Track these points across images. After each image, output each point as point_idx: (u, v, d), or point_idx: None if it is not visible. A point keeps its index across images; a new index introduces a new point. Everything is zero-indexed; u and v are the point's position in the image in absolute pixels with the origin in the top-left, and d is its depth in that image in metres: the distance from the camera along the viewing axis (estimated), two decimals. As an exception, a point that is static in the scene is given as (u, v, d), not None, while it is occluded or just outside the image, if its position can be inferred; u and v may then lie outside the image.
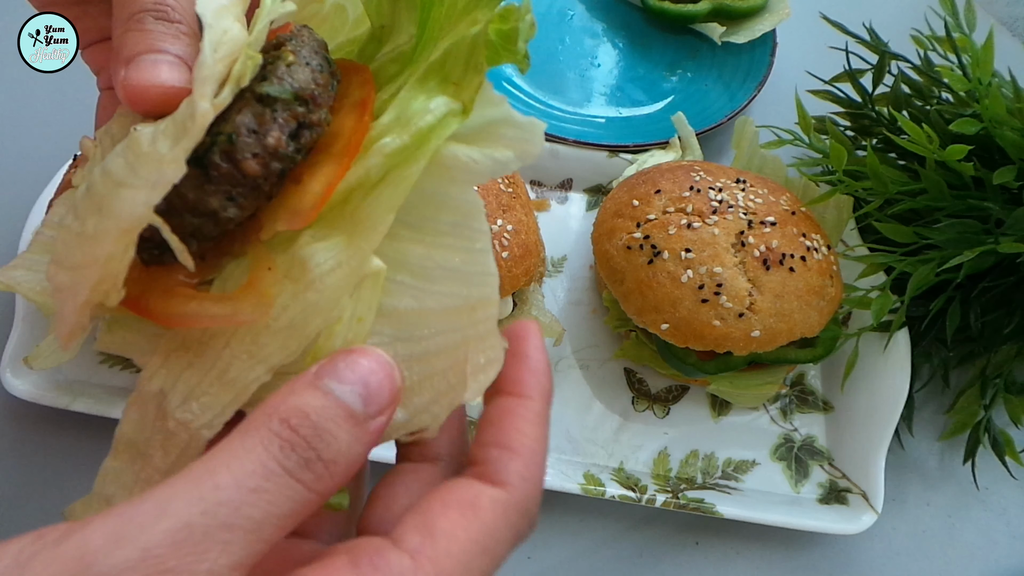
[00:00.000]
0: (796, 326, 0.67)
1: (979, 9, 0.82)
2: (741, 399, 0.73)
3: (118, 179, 0.30)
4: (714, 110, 0.95)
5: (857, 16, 0.88)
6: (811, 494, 0.70)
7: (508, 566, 0.30)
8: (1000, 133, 0.68)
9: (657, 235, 0.69)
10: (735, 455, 0.73)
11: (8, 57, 0.70)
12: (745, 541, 0.69)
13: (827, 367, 0.77)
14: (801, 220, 0.71)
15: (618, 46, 1.05)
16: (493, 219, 0.69)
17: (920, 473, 0.74)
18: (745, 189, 0.72)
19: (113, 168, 0.31)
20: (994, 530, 0.71)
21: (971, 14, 0.80)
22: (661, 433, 0.73)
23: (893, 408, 0.70)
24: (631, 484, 0.68)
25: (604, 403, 0.75)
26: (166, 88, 0.32)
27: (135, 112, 0.34)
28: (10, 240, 0.76)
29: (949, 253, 0.68)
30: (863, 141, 0.85)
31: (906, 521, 0.71)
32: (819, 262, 0.69)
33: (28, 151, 0.88)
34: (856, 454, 0.70)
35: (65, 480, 0.67)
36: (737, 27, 1.01)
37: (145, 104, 0.33)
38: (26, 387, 0.67)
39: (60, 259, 0.32)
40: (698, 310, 0.66)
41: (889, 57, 0.84)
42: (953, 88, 0.71)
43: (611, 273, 0.71)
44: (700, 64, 1.02)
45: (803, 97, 0.84)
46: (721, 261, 0.67)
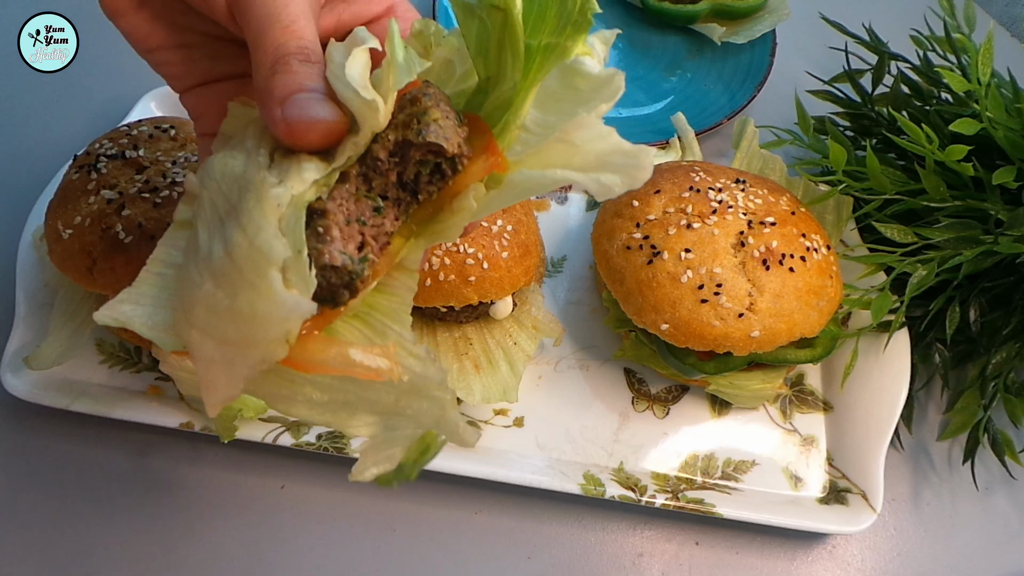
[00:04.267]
0: (796, 326, 0.67)
1: (979, 9, 0.82)
2: (741, 399, 0.73)
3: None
4: (714, 110, 0.95)
5: (857, 16, 0.89)
6: (811, 494, 0.70)
7: (508, 566, 0.30)
8: (999, 134, 0.68)
9: (657, 235, 0.69)
10: (735, 455, 0.73)
11: (8, 57, 0.70)
12: (745, 541, 0.69)
13: (827, 367, 0.77)
14: (801, 220, 0.71)
15: (618, 46, 1.05)
16: (493, 219, 0.69)
17: (920, 473, 0.74)
18: (745, 189, 0.72)
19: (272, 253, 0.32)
20: (994, 530, 0.71)
21: (971, 14, 0.80)
22: (661, 433, 0.73)
23: (893, 408, 0.70)
24: (631, 484, 0.68)
25: (604, 403, 0.75)
26: (328, 124, 0.35)
27: (297, 148, 0.36)
28: (10, 240, 0.76)
29: (949, 253, 0.68)
30: (863, 141, 0.85)
31: (906, 521, 0.71)
32: (819, 262, 0.69)
33: (28, 151, 0.88)
34: (856, 454, 0.70)
35: (65, 480, 0.67)
36: (737, 27, 1.01)
37: (309, 139, 0.35)
38: (26, 387, 0.67)
39: (208, 330, 0.34)
40: (698, 310, 0.66)
41: (888, 57, 0.84)
42: (952, 88, 0.71)
43: (611, 273, 0.71)
44: (700, 64, 1.02)
45: (803, 97, 0.84)
46: (721, 261, 0.67)
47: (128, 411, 0.67)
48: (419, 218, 0.39)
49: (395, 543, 0.66)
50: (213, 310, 0.33)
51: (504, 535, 0.67)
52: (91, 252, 0.64)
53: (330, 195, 0.36)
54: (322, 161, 0.36)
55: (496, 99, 0.39)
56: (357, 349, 0.35)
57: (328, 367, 0.35)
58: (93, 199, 0.66)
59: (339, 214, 0.36)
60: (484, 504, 0.69)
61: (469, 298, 0.67)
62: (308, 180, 0.35)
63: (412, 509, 0.68)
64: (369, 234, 0.37)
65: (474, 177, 0.37)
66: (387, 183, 0.37)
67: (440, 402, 0.36)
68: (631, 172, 0.34)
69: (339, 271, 0.35)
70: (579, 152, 0.34)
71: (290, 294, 0.32)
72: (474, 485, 0.67)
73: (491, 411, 0.73)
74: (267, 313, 0.32)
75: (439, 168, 0.37)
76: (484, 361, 0.71)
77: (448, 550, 0.66)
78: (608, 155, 0.34)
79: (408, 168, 0.37)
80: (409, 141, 0.36)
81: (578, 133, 0.35)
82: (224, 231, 0.34)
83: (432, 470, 0.65)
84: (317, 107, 0.35)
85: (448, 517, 0.68)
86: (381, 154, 0.36)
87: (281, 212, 0.33)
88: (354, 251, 0.36)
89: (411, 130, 0.36)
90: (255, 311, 0.32)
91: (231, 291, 0.33)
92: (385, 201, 0.37)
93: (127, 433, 0.69)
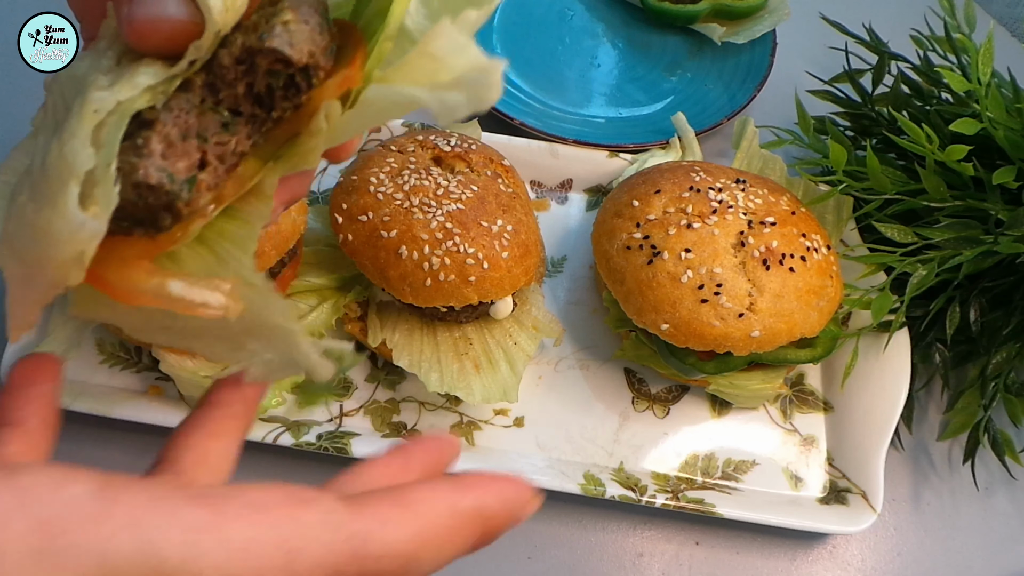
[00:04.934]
0: (796, 326, 0.67)
1: (979, 9, 0.82)
2: (741, 399, 0.73)
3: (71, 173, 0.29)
4: (714, 110, 0.95)
5: (857, 16, 0.89)
6: (811, 494, 0.71)
7: (508, 566, 0.30)
8: (999, 134, 0.68)
9: (657, 235, 0.69)
10: (735, 455, 0.73)
11: (8, 57, 0.70)
12: (745, 541, 0.69)
13: (827, 367, 0.77)
14: (801, 220, 0.71)
15: (618, 46, 1.05)
16: (493, 219, 0.69)
17: (920, 473, 0.74)
18: (745, 189, 0.72)
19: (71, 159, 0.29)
20: (994, 530, 0.71)
21: (971, 14, 0.80)
22: (661, 433, 0.73)
23: (893, 408, 0.70)
24: (631, 484, 0.68)
25: (604, 403, 0.75)
26: (174, 22, 0.31)
27: (143, 50, 0.31)
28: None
29: (949, 253, 0.68)
30: (863, 141, 0.85)
31: (906, 521, 0.71)
32: (819, 262, 0.69)
33: (28, 151, 0.88)
34: (856, 454, 0.70)
35: (65, 480, 0.67)
36: (737, 27, 1.01)
37: (154, 41, 0.31)
38: (26, 387, 0.67)
39: (13, 245, 0.31)
40: (698, 310, 0.66)
41: (889, 57, 0.84)
42: (953, 88, 0.71)
43: (611, 273, 0.71)
44: (700, 64, 1.02)
45: (803, 97, 0.84)
46: (721, 261, 0.67)
47: (128, 411, 0.67)
48: (277, 139, 0.35)
49: (395, 543, 0.66)
50: (21, 223, 0.30)
51: (504, 535, 0.67)
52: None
53: (166, 105, 0.31)
54: (165, 67, 0.31)
55: (376, 4, 0.35)
56: (179, 281, 0.31)
57: (147, 298, 0.31)
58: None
59: (172, 126, 0.31)
60: (484, 504, 0.69)
61: (469, 298, 0.67)
62: (140, 85, 0.30)
63: (412, 509, 0.68)
64: (213, 152, 0.32)
65: (329, 94, 0.33)
66: (237, 96, 0.33)
67: (287, 333, 0.32)
68: (478, 92, 0.30)
69: (156, 190, 0.30)
70: (443, 67, 0.30)
71: (79, 212, 0.28)
72: (474, 485, 0.67)
73: (491, 411, 0.73)
74: (59, 231, 0.28)
75: (293, 81, 0.33)
76: (484, 361, 0.71)
77: (448, 550, 0.66)
78: (466, 71, 0.30)
79: (258, 80, 0.32)
80: (252, 47, 0.32)
81: (437, 43, 0.30)
82: (56, 138, 0.30)
83: (432, 470, 0.65)
84: (168, 5, 0.30)
85: (448, 517, 0.68)
86: (226, 60, 0.32)
87: (100, 119, 0.29)
88: (184, 170, 0.31)
89: (256, 34, 0.32)
90: (50, 228, 0.29)
91: (38, 204, 0.29)
92: (237, 117, 0.33)
93: (127, 433, 0.69)
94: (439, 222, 0.66)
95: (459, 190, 0.69)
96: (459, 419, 0.73)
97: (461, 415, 0.73)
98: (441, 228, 0.66)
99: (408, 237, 0.66)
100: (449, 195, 0.68)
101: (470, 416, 0.73)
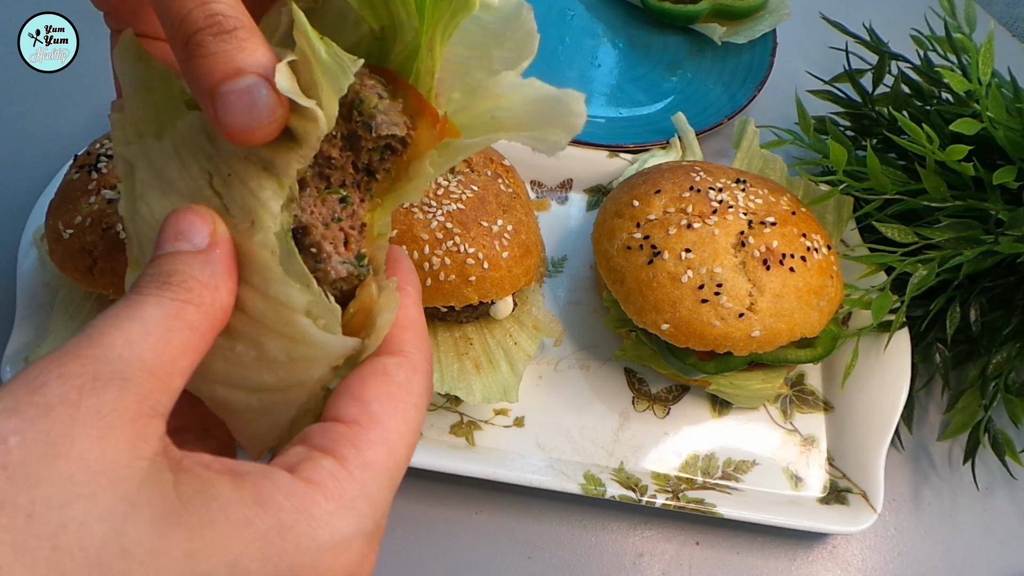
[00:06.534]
0: (796, 326, 0.67)
1: (979, 9, 0.82)
2: (741, 399, 0.73)
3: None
4: (714, 110, 0.95)
5: (857, 16, 0.89)
6: (811, 494, 0.70)
7: (508, 566, 0.30)
8: (1000, 134, 0.68)
9: (657, 235, 0.69)
10: (735, 455, 0.73)
11: (8, 57, 0.70)
12: (745, 541, 0.69)
13: (827, 367, 0.77)
14: (801, 220, 0.71)
15: (618, 46, 1.05)
16: (493, 219, 0.69)
17: (920, 473, 0.74)
18: (745, 189, 0.72)
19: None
20: (994, 530, 0.71)
21: (971, 14, 0.80)
22: (661, 433, 0.73)
23: (893, 408, 0.70)
24: (631, 484, 0.68)
25: (604, 403, 0.75)
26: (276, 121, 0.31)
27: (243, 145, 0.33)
28: (10, 240, 0.76)
29: (949, 253, 0.68)
30: (863, 141, 0.85)
31: (906, 521, 0.71)
32: (819, 262, 0.69)
33: (28, 151, 0.88)
34: (856, 454, 0.70)
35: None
36: (737, 27, 1.01)
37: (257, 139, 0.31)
38: (26, 387, 0.67)
39: (235, 382, 0.34)
40: (698, 310, 0.66)
41: (889, 57, 0.84)
42: (953, 88, 0.71)
43: (611, 273, 0.71)
44: (700, 64, 1.02)
45: (803, 97, 0.84)
46: (721, 261, 0.67)
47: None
48: (379, 190, 0.38)
49: (395, 543, 0.66)
50: (236, 363, 0.33)
51: (504, 535, 0.67)
52: (92, 252, 0.64)
53: (301, 208, 0.34)
54: (270, 175, 0.33)
55: (402, 50, 0.37)
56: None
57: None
58: (94, 199, 0.66)
59: (318, 224, 0.35)
60: (484, 504, 0.69)
61: (469, 298, 0.67)
62: (276, 211, 0.33)
63: (412, 509, 0.68)
64: (347, 227, 0.36)
65: (427, 146, 0.36)
66: (344, 173, 0.36)
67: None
68: (566, 121, 0.32)
69: (348, 279, 0.35)
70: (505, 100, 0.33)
71: (329, 335, 0.32)
72: (474, 485, 0.67)
73: (491, 411, 0.73)
74: (309, 356, 0.32)
75: (390, 147, 0.36)
76: (484, 361, 0.71)
77: (448, 550, 0.66)
78: (536, 103, 0.33)
79: (361, 155, 0.36)
80: (359, 135, 0.35)
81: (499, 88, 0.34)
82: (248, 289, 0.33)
83: (432, 470, 0.65)
84: (256, 109, 0.30)
85: (448, 517, 0.68)
86: (333, 152, 0.35)
87: (275, 254, 0.32)
88: (346, 252, 0.35)
89: (357, 124, 0.35)
90: (293, 356, 0.32)
91: (253, 343, 0.33)
92: (346, 189, 0.37)
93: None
94: (439, 222, 0.67)
95: (459, 190, 0.69)
96: (459, 419, 0.73)
97: (461, 415, 0.73)
98: (441, 228, 0.66)
99: (408, 237, 0.66)
100: (449, 195, 0.68)
101: (470, 416, 0.73)
